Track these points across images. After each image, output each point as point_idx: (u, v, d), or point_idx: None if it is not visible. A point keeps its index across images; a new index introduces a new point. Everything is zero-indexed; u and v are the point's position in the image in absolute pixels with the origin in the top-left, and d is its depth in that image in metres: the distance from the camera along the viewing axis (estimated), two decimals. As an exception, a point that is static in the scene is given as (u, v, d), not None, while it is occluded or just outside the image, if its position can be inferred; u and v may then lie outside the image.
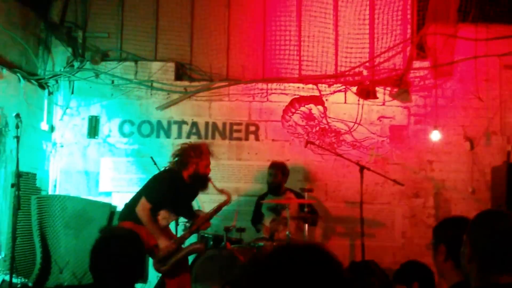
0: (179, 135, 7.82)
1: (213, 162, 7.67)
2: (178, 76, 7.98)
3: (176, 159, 5.80)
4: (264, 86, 7.86)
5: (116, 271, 2.52)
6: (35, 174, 7.28)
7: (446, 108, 7.72)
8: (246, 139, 7.80)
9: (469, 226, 2.34)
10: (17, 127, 6.05)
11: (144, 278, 7.11)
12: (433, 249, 2.75)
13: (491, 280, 2.22)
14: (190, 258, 6.10)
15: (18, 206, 5.96)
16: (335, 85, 7.83)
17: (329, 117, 7.74)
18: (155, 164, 6.79)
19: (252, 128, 7.81)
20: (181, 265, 5.77)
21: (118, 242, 2.60)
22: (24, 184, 6.83)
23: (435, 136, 7.48)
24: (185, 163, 5.73)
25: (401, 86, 7.76)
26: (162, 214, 5.67)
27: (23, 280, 6.47)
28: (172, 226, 6.42)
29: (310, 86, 7.82)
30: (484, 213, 2.38)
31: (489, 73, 7.74)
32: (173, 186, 5.65)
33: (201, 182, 5.82)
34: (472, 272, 2.28)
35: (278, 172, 7.05)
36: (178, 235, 6.09)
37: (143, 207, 5.50)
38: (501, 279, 2.21)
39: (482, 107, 7.68)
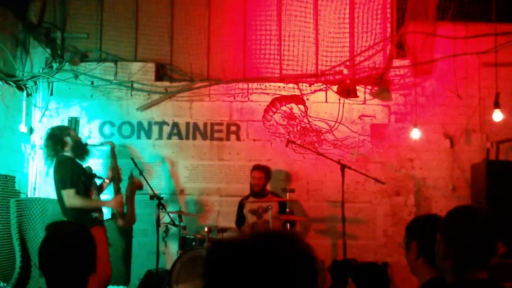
0: (160, 136, 7.78)
1: (194, 163, 7.70)
2: (159, 77, 7.94)
3: (49, 149, 5.83)
4: (245, 85, 7.85)
5: (67, 267, 2.49)
6: (14, 177, 7.19)
7: (426, 106, 7.77)
8: (227, 139, 7.78)
9: (442, 224, 2.35)
10: (-6, 129, 5.98)
11: (126, 281, 7.07)
12: (405, 247, 2.77)
13: (467, 276, 2.25)
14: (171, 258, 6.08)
15: (-4, 209, 5.90)
16: (316, 84, 7.85)
17: (310, 116, 7.75)
18: (135, 165, 6.76)
19: (233, 128, 7.80)
20: None
21: (67, 238, 2.57)
22: (3, 187, 6.77)
23: (415, 134, 7.51)
24: (60, 142, 5.79)
25: (381, 84, 7.80)
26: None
27: (2, 284, 6.39)
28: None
29: (291, 85, 7.82)
30: (456, 209, 2.39)
31: (468, 71, 7.81)
32: (70, 164, 5.73)
33: (84, 149, 5.99)
34: (447, 269, 2.30)
35: (262, 175, 7.03)
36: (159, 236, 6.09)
37: (68, 197, 5.57)
38: (476, 274, 2.24)
39: (462, 105, 7.74)
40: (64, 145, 5.79)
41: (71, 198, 5.56)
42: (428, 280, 2.57)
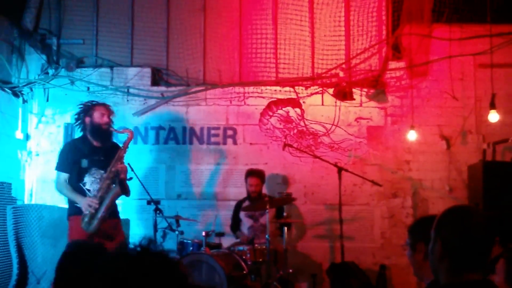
0: (157, 141, 7.77)
1: (191, 167, 7.69)
2: (155, 82, 7.94)
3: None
4: (241, 89, 7.85)
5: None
6: (10, 184, 7.16)
7: (422, 108, 7.77)
8: (224, 143, 7.77)
9: (437, 223, 2.33)
10: (-10, 136, 5.97)
11: None
12: (411, 248, 2.73)
13: (461, 278, 2.23)
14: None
15: (-7, 216, 5.88)
16: (312, 87, 7.85)
17: (307, 120, 7.74)
18: (132, 170, 6.71)
19: (229, 132, 7.79)
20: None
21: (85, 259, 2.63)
22: (-1, 194, 6.74)
23: (412, 136, 7.52)
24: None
25: (377, 87, 7.81)
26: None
27: (-1, 291, 6.38)
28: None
29: (287, 88, 7.82)
30: (453, 209, 2.37)
31: (464, 72, 7.81)
32: (70, 147, 5.87)
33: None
34: (442, 270, 2.29)
35: (258, 181, 6.98)
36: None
37: (58, 180, 5.63)
38: (471, 276, 2.23)
39: (458, 106, 7.74)
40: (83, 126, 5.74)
41: (59, 183, 5.59)
42: (432, 281, 2.54)
